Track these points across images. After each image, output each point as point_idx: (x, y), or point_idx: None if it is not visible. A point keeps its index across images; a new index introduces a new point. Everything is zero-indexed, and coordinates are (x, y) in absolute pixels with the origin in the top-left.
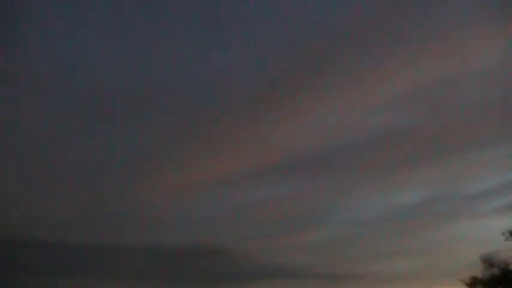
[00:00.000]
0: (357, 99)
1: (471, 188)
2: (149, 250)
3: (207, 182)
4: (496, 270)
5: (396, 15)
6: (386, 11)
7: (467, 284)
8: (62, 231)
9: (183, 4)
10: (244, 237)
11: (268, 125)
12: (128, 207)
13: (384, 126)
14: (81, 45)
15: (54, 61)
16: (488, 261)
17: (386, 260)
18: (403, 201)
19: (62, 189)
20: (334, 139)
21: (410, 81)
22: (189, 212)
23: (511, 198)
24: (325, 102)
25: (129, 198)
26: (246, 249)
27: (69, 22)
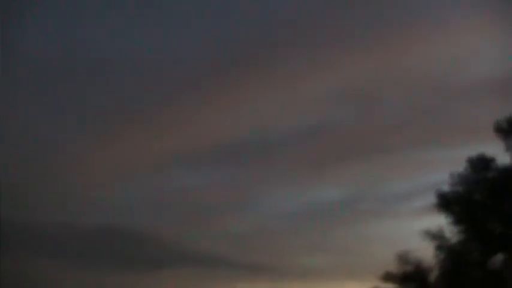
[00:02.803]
0: (289, 95)
1: (392, 188)
2: (68, 229)
3: (133, 166)
4: (409, 267)
5: (334, 15)
6: (324, 11)
7: (380, 279)
8: None
9: None
10: (165, 222)
11: (199, 113)
12: (52, 187)
13: (312, 123)
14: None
15: None
16: (403, 258)
17: (304, 254)
18: (325, 197)
19: None
20: (264, 132)
21: (343, 80)
22: (112, 195)
23: (430, 199)
24: (258, 96)
25: (53, 178)
26: (166, 235)
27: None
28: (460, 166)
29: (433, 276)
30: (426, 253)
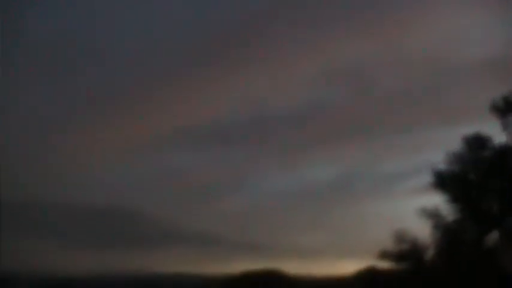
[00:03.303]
0: (282, 74)
1: (388, 167)
2: (66, 209)
3: (130, 145)
4: (405, 246)
5: None
6: None
7: (376, 257)
8: None
9: None
10: (163, 202)
11: (196, 95)
12: (51, 168)
13: (310, 104)
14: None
15: None
16: (399, 237)
17: (300, 233)
18: (321, 177)
19: None
20: (257, 111)
21: (340, 62)
22: (110, 175)
23: (426, 179)
24: (251, 75)
25: (50, 156)
26: (163, 214)
27: None
28: (456, 145)
29: (429, 254)
30: (422, 232)
